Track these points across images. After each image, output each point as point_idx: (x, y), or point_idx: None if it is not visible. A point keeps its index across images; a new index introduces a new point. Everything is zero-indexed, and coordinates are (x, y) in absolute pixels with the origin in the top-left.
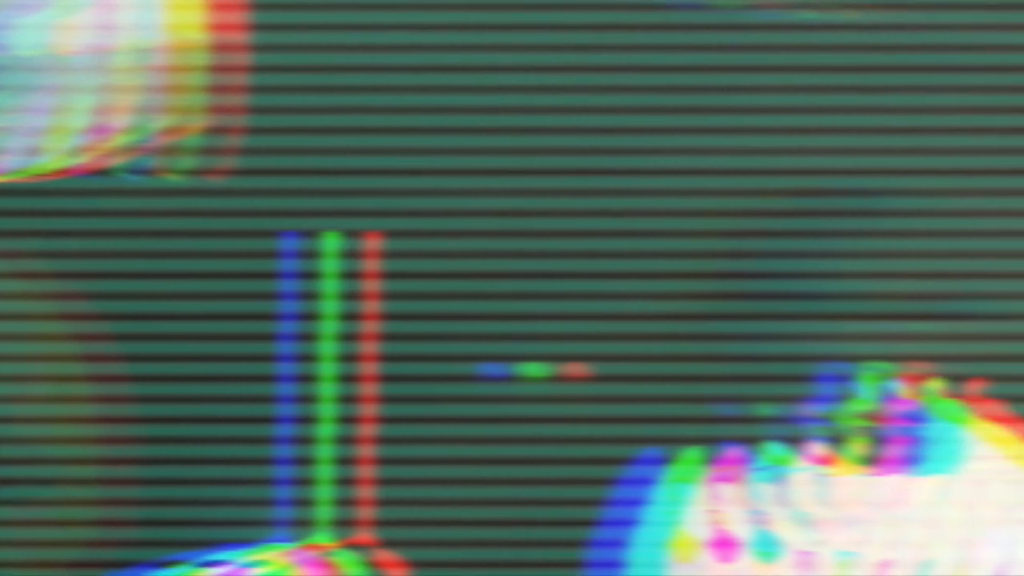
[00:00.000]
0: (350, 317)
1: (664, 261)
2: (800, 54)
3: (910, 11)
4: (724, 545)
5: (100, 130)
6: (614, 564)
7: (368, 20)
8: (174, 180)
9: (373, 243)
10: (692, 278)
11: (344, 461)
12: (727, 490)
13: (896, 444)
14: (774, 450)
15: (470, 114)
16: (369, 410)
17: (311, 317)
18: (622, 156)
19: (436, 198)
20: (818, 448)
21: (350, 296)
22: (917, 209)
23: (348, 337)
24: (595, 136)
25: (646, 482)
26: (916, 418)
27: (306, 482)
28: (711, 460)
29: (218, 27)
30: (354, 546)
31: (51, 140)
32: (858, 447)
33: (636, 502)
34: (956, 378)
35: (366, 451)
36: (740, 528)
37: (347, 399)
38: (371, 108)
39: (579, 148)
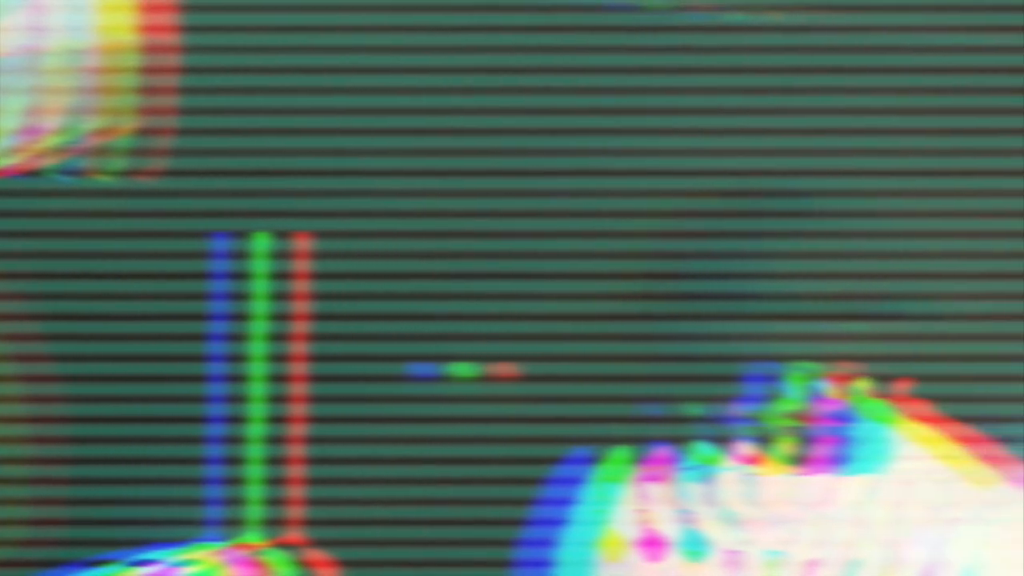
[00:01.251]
0: (280, 317)
1: (593, 262)
2: (729, 56)
3: (838, 13)
4: (652, 544)
5: (31, 131)
6: (543, 563)
7: (298, 22)
8: (105, 181)
9: (303, 244)
10: (620, 279)
11: (274, 461)
12: (655, 489)
13: (823, 444)
14: (702, 450)
15: (399, 115)
16: (299, 410)
17: (241, 317)
18: (551, 158)
19: (366, 199)
20: (746, 448)
21: (280, 296)
22: (844, 210)
23: (278, 337)
24: (525, 138)
25: (575, 481)
26: (843, 418)
27: (236, 481)
28: (639, 460)
29: (148, 29)
30: (284, 545)
31: None
32: (786, 447)
33: (565, 501)
34: (883, 378)
35: (296, 451)
36: (668, 527)
37: (277, 399)
38: (301, 109)
39: (509, 150)
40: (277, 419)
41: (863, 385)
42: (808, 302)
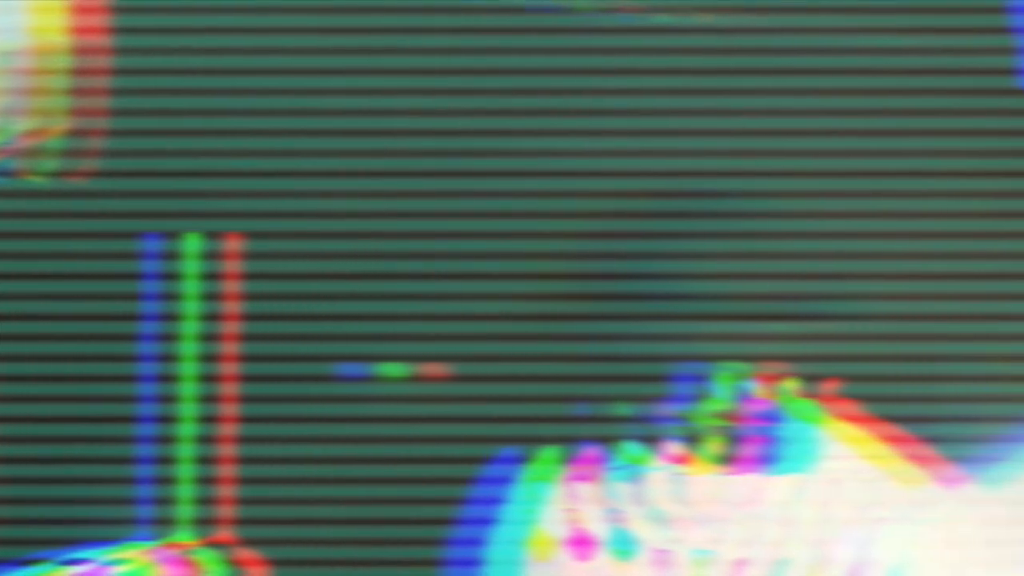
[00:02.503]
0: (211, 318)
1: (522, 262)
2: (656, 58)
3: (764, 15)
4: (581, 543)
5: None
6: (472, 562)
7: (228, 23)
8: (36, 182)
9: (233, 244)
10: (549, 279)
11: (205, 460)
12: (584, 489)
13: (751, 443)
14: (631, 449)
15: (329, 117)
16: (229, 410)
17: (172, 318)
18: (479, 159)
19: (296, 199)
20: (674, 447)
21: (211, 297)
22: (772, 210)
23: (209, 337)
24: (453, 138)
25: (504, 481)
26: (771, 418)
27: (167, 481)
28: (568, 459)
29: (79, 30)
30: (215, 544)
31: None
32: (714, 446)
33: (494, 501)
34: (811, 378)
35: (226, 450)
36: (597, 526)
37: (207, 399)
38: (232, 110)
39: (437, 151)
40: (207, 419)
41: (791, 385)
42: (736, 302)
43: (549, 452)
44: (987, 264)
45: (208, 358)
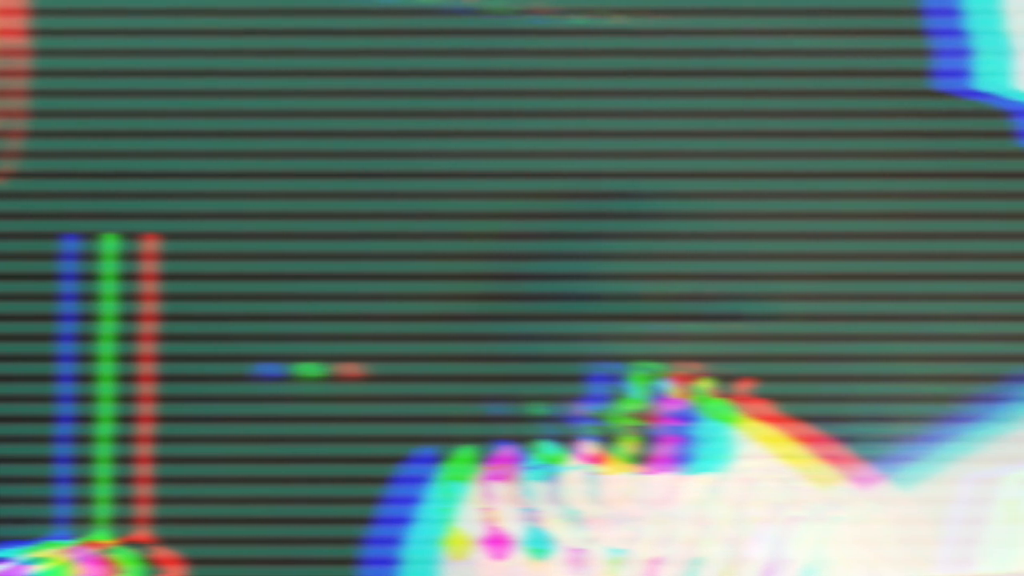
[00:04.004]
0: (128, 318)
1: (439, 263)
2: (570, 59)
3: (678, 17)
4: (497, 542)
5: None
6: (389, 561)
7: (147, 26)
8: None
9: (151, 245)
10: (465, 280)
11: (122, 460)
12: (500, 488)
13: (666, 443)
14: (546, 449)
15: (245, 118)
16: (147, 409)
17: (90, 318)
18: (395, 160)
19: (213, 201)
20: (590, 447)
21: (128, 297)
22: (687, 212)
23: (126, 338)
24: (370, 140)
25: (420, 480)
26: (686, 417)
27: (85, 480)
28: (484, 459)
29: None
30: (132, 543)
31: None
32: (629, 446)
33: (410, 500)
34: (725, 378)
35: (144, 450)
36: (513, 525)
37: (125, 399)
38: (149, 112)
39: (355, 152)
40: (125, 419)
41: (705, 385)
42: (650, 303)
43: (465, 452)
44: (899, 265)
45: (126, 358)
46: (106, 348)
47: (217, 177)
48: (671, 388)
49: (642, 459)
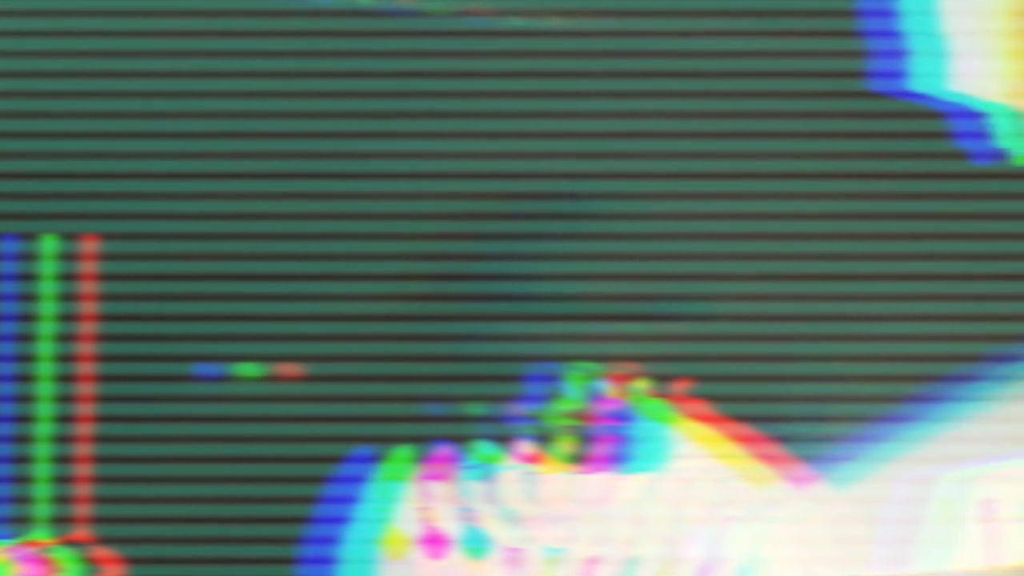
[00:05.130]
0: (67, 318)
1: (375, 263)
2: (508, 60)
3: (615, 18)
4: (434, 542)
5: None
6: (326, 561)
7: (87, 27)
8: None
9: (90, 246)
10: (402, 280)
11: (61, 459)
12: (437, 488)
13: (603, 443)
14: (483, 449)
15: (184, 118)
16: (86, 409)
17: (29, 318)
18: (332, 160)
19: (152, 201)
20: (526, 447)
21: (67, 297)
22: (622, 212)
23: (65, 338)
24: (305, 140)
25: (358, 480)
26: (622, 417)
27: (23, 480)
28: (422, 458)
29: None
30: (71, 543)
31: None
32: (565, 446)
33: (348, 500)
34: (661, 378)
35: (83, 449)
36: (450, 525)
37: (64, 398)
38: (88, 112)
39: (292, 152)
40: (64, 418)
41: (641, 385)
42: (586, 303)
43: (402, 451)
44: (837, 265)
45: (65, 358)
46: (45, 348)
47: (156, 178)
48: (608, 388)
49: (579, 459)
